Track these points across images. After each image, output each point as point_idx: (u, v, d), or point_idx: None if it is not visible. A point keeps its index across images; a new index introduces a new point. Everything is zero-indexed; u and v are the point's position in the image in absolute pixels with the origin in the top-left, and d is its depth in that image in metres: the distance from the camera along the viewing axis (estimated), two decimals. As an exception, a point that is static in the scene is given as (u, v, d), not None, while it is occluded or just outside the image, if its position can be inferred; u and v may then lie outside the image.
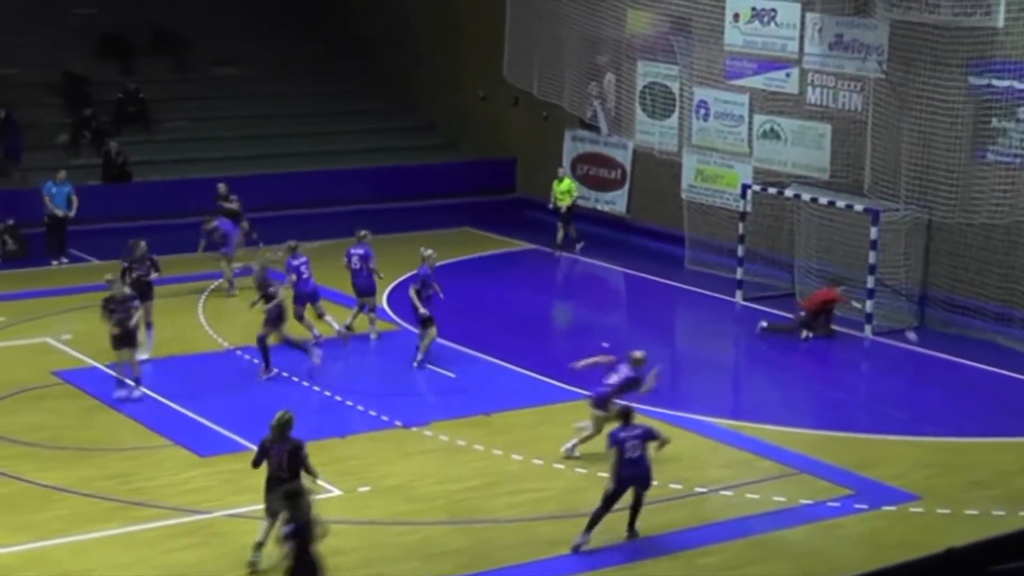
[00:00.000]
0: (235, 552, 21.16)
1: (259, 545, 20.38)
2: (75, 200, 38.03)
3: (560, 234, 39.82)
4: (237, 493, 23.18)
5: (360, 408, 27.30)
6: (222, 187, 37.59)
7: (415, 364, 29.31)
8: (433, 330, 29.29)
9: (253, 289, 30.08)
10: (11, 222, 38.77)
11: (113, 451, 25.03)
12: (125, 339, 27.11)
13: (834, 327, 32.28)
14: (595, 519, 21.20)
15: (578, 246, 39.87)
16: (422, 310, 29.12)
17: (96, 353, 29.90)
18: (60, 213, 37.73)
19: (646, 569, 21.10)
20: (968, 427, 27.01)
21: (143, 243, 30.27)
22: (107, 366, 28.52)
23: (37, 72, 44.55)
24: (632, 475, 21.43)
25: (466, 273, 37.86)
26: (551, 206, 40.23)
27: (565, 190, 39.98)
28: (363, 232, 32.04)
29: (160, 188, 40.28)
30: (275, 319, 28.65)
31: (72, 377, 28.72)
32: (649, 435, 21.66)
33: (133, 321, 27.13)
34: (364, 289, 31.50)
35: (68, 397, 27.85)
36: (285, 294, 29.38)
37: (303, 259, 30.90)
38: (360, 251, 31.58)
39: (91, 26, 46.73)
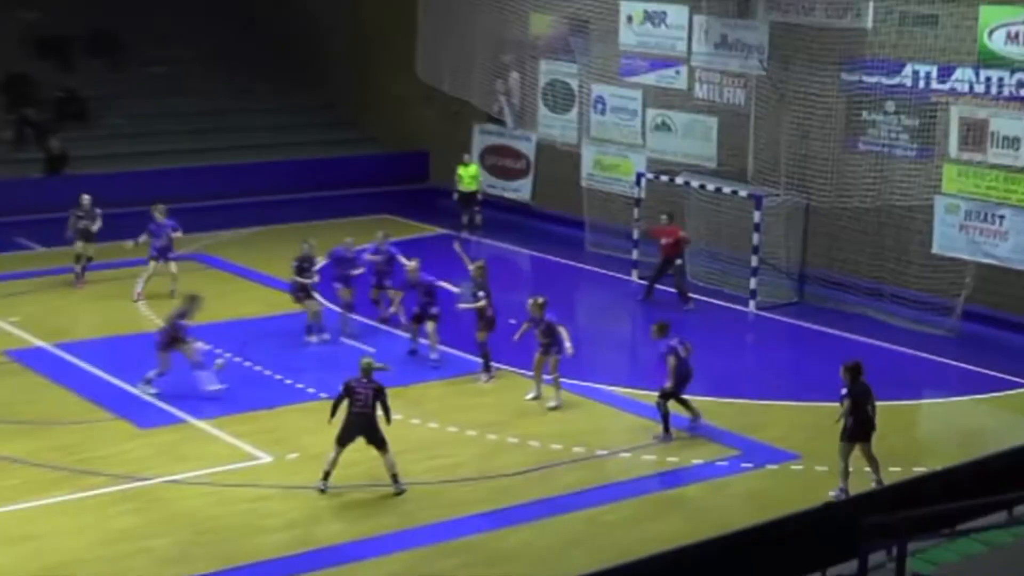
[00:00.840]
0: (173, 517, 21.23)
1: (327, 475, 21.75)
2: None
3: (465, 217, 39.95)
4: (174, 461, 23.26)
5: (288, 381, 27.32)
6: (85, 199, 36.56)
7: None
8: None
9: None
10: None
11: (60, 424, 24.92)
12: None
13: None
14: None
15: (472, 232, 39.90)
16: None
17: (43, 334, 29.78)
18: None
19: (553, 526, 21.25)
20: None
21: None
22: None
23: (-19, 73, 44.25)
24: None
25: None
26: (455, 195, 40.33)
27: (472, 175, 40.08)
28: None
29: (98, 180, 39.86)
30: None
31: (21, 356, 28.57)
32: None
33: None
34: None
35: (17, 375, 27.70)
36: None
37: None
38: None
39: (31, 29, 46.29)
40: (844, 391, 21.92)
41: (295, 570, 19.66)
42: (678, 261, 33.29)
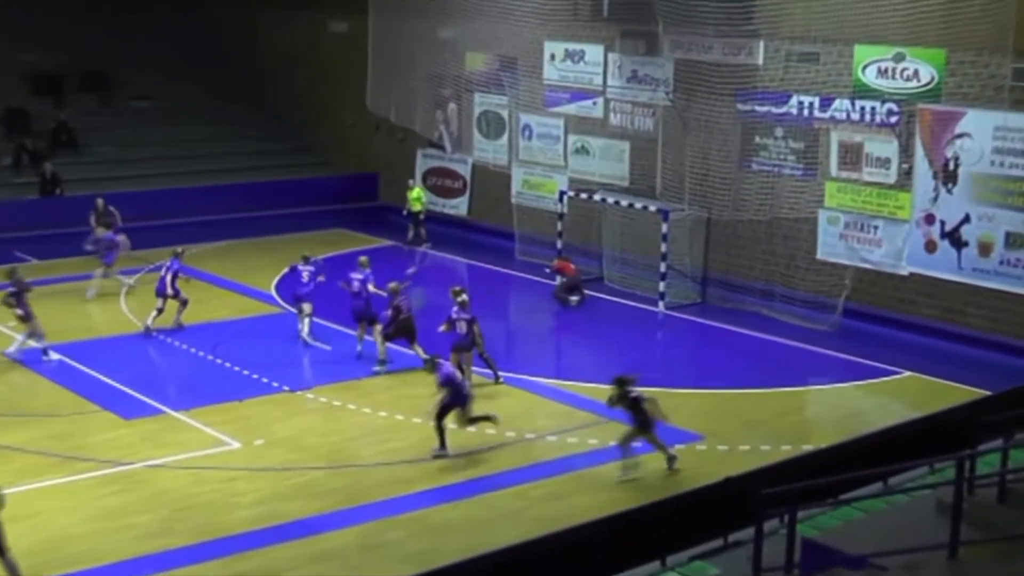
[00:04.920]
0: (154, 496, 21.04)
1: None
2: None
3: (411, 233, 39.72)
4: (155, 448, 23.05)
5: (255, 376, 27.11)
6: (100, 203, 36.27)
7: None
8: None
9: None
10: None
11: (54, 416, 24.64)
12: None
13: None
14: None
15: (425, 245, 39.63)
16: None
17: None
18: None
19: (488, 501, 21.16)
20: (741, 381, 27.29)
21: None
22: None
23: (-18, 107, 43.84)
24: None
25: (339, 266, 37.56)
26: (404, 211, 40.15)
27: (416, 197, 39.92)
28: (364, 258, 30.24)
29: (87, 201, 39.45)
30: None
31: (19, 356, 28.20)
32: None
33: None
34: (361, 313, 28.49)
35: (14, 373, 27.35)
36: None
37: None
38: (361, 276, 28.67)
39: (29, 69, 45.88)
40: None
41: (262, 542, 19.49)
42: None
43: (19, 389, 26.41)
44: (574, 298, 33.25)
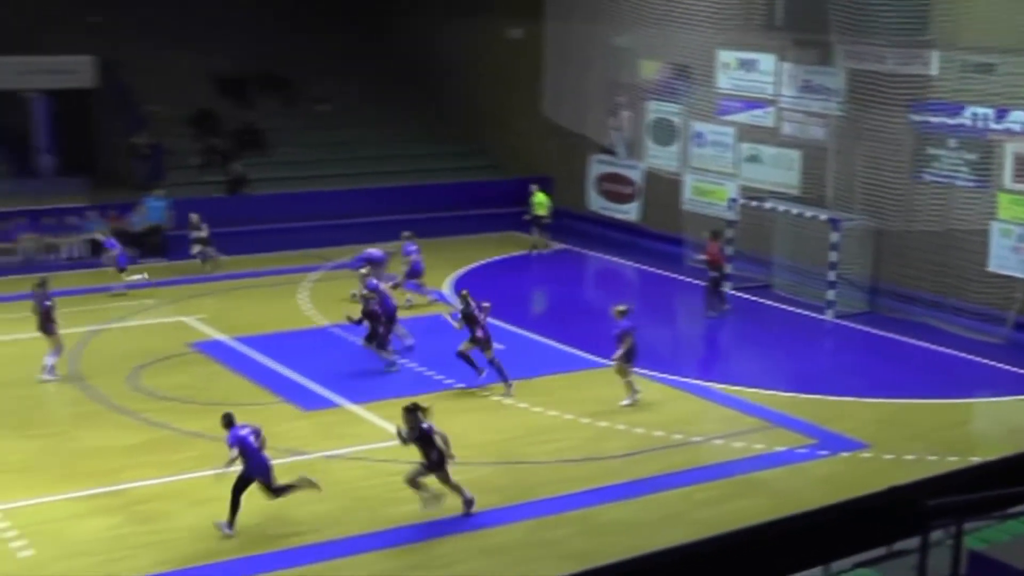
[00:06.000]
0: (330, 485, 21.16)
1: None
2: (169, 213, 37.77)
3: (541, 235, 39.79)
4: (331, 439, 23.39)
5: (428, 372, 27.32)
6: (194, 217, 36.51)
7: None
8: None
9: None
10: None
11: (235, 405, 25.00)
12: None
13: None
14: None
15: (537, 250, 39.71)
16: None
17: (223, 328, 30.06)
18: (148, 225, 37.84)
19: (652, 502, 21.07)
20: (908, 391, 26.84)
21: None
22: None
23: (175, 109, 44.67)
24: None
25: (512, 267, 37.90)
26: (528, 216, 40.06)
27: (539, 202, 39.88)
28: (408, 233, 33.40)
29: (272, 199, 40.28)
30: None
31: (204, 347, 28.81)
32: None
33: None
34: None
35: (200, 364, 27.97)
36: None
37: None
38: (415, 247, 32.87)
39: (216, 72, 46.84)
40: None
41: (430, 535, 19.66)
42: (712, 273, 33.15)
43: (203, 379, 26.99)
44: (726, 305, 32.93)
